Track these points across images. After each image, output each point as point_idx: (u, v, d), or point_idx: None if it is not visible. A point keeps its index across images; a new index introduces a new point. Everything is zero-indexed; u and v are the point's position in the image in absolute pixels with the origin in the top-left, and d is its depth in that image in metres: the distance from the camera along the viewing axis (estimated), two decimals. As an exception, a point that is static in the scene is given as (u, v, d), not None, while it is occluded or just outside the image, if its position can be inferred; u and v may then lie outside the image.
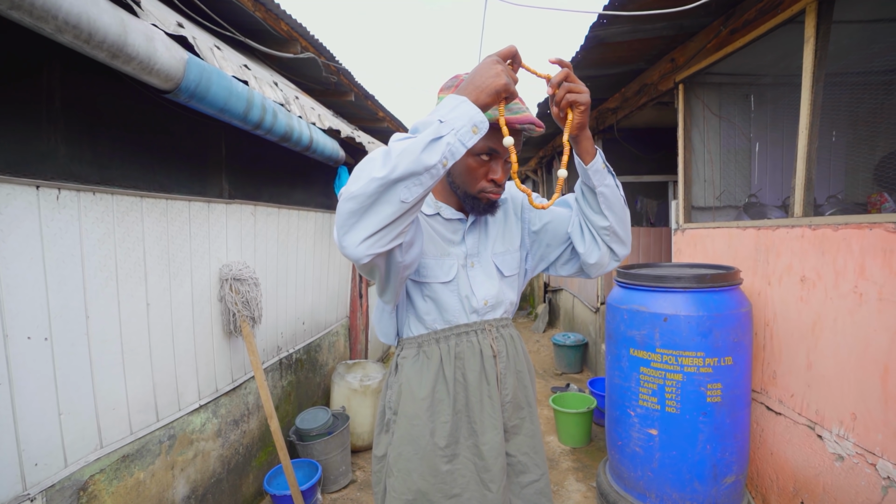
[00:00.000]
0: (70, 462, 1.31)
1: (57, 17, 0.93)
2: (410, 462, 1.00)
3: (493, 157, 0.96)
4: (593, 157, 0.98)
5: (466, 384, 1.03)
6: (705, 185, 2.71)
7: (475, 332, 1.06)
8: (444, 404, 1.01)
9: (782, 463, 1.89)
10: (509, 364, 1.09)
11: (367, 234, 0.73)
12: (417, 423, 1.01)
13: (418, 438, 1.00)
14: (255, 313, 2.02)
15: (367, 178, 0.71)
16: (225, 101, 1.50)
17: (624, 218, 1.05)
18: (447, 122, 0.74)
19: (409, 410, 1.02)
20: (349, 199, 0.72)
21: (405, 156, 0.71)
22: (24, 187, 1.16)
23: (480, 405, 1.02)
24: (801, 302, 1.80)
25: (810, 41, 1.76)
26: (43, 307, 1.22)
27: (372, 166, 0.72)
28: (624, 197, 1.05)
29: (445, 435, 1.00)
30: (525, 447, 1.10)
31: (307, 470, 2.31)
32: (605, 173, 0.99)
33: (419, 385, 1.02)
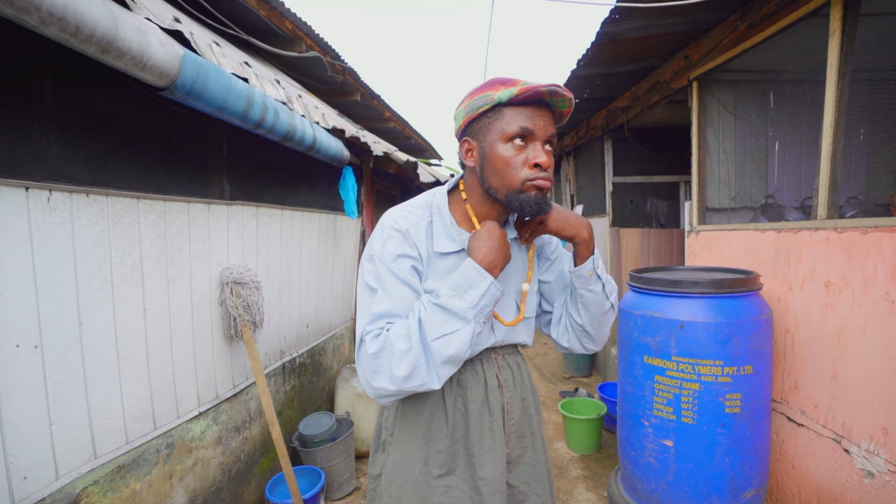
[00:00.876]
0: (62, 474, 1.26)
1: (41, 9, 0.87)
2: (402, 490, 0.95)
3: (528, 140, 0.86)
4: (582, 261, 0.95)
5: (467, 414, 0.96)
6: (720, 185, 2.62)
7: (481, 360, 0.99)
8: (441, 432, 0.95)
9: (805, 477, 1.80)
10: (515, 393, 1.03)
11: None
12: (411, 450, 0.95)
13: (411, 466, 0.95)
14: (256, 318, 1.97)
15: (419, 385, 0.82)
16: (224, 98, 1.44)
17: (601, 322, 1.01)
18: (478, 312, 0.84)
19: (403, 435, 0.97)
20: (391, 397, 0.84)
21: (450, 366, 0.83)
22: (12, 189, 1.11)
23: (480, 437, 0.96)
24: (826, 308, 1.71)
25: (836, 34, 1.67)
26: (33, 313, 1.18)
27: (420, 378, 0.81)
28: (611, 306, 1.00)
29: (440, 464, 0.95)
30: (526, 476, 1.04)
31: (310, 477, 2.25)
32: (592, 280, 0.96)
33: (416, 410, 0.96)
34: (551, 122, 0.88)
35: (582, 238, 0.93)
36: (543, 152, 0.86)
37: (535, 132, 0.85)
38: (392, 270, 0.87)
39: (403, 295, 0.87)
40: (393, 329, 0.83)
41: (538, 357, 5.08)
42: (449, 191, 0.99)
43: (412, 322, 0.82)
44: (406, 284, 0.88)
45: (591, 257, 0.95)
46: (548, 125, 0.87)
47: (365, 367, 0.82)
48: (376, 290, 0.87)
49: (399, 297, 0.86)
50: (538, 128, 0.85)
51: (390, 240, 0.89)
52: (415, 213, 0.94)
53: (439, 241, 0.92)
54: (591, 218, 4.59)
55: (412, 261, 0.89)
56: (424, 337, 0.80)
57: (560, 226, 0.92)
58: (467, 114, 0.90)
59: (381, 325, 0.84)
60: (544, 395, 3.88)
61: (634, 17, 2.14)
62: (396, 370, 0.79)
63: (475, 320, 0.82)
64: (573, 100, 0.86)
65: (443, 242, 0.92)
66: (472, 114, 0.89)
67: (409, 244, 0.90)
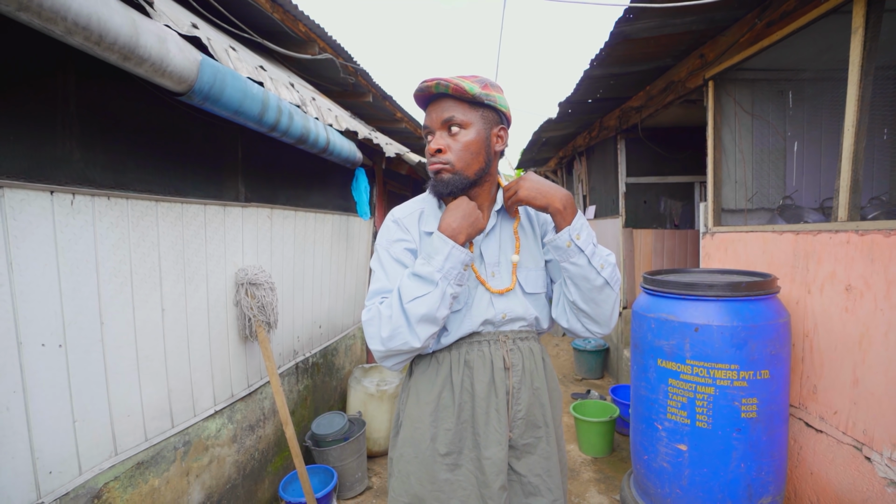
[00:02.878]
0: (84, 470, 1.29)
1: (66, 19, 0.90)
2: (410, 465, 1.01)
3: (430, 134, 0.99)
4: (559, 230, 0.95)
5: (473, 394, 0.99)
6: (736, 186, 2.58)
7: (488, 342, 1.02)
8: (449, 411, 1.00)
9: (824, 485, 1.77)
10: (524, 378, 1.03)
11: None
12: (419, 427, 1.01)
13: (419, 442, 1.00)
14: (270, 318, 1.99)
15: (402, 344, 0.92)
16: (240, 103, 1.47)
17: (595, 299, 0.98)
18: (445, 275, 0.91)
19: (413, 413, 1.03)
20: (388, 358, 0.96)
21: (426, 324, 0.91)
22: (39, 193, 1.15)
23: (486, 417, 0.98)
24: (847, 313, 1.68)
25: (858, 32, 1.63)
26: (57, 314, 1.21)
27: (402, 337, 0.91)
28: (605, 281, 0.96)
29: (447, 442, 0.99)
30: (538, 468, 1.03)
31: (323, 476, 2.27)
32: (573, 252, 0.94)
33: (426, 389, 1.02)
34: (446, 108, 0.96)
35: (555, 207, 0.94)
36: (436, 140, 0.97)
37: (430, 125, 0.98)
38: (389, 252, 1.03)
39: (397, 271, 1.00)
40: (385, 301, 0.97)
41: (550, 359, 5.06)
42: None
43: (394, 292, 0.95)
44: (400, 263, 1.01)
45: (567, 227, 0.93)
46: (439, 114, 0.96)
47: (365, 335, 0.97)
48: (376, 272, 1.03)
49: (394, 275, 1.00)
50: (431, 121, 0.98)
51: (387, 229, 1.06)
52: (410, 206, 1.10)
53: (427, 222, 1.06)
54: (603, 219, 4.55)
55: (405, 242, 1.03)
56: (402, 301, 0.92)
57: (531, 195, 0.95)
58: None
59: (378, 300, 0.98)
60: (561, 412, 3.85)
61: (649, 17, 2.11)
62: (382, 332, 0.93)
63: (443, 282, 0.91)
64: (444, 81, 0.94)
65: (429, 223, 1.05)
66: None
67: (401, 229, 1.05)
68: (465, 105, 0.96)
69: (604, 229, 4.52)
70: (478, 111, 0.97)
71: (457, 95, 0.95)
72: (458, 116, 0.95)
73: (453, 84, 0.93)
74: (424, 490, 0.97)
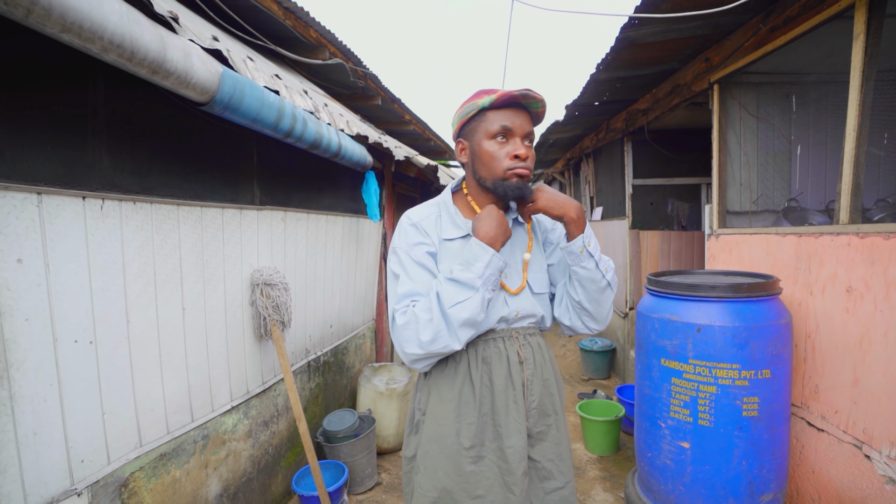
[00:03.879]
0: (112, 459, 1.37)
1: (103, 38, 0.97)
2: (436, 460, 1.04)
3: (508, 136, 1.03)
4: (572, 238, 1.04)
5: (493, 388, 1.05)
6: (741, 188, 2.60)
7: (502, 338, 1.09)
8: (470, 406, 1.05)
9: (825, 483, 1.80)
10: (536, 371, 1.11)
11: None
12: (444, 423, 1.05)
13: (444, 437, 1.04)
14: (284, 317, 2.06)
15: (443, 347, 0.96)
16: (257, 111, 1.54)
17: (598, 300, 1.09)
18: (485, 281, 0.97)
19: (436, 410, 1.06)
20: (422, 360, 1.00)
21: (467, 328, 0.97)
22: (72, 198, 1.22)
23: (506, 409, 1.05)
24: (847, 314, 1.71)
25: (860, 37, 1.66)
26: (88, 312, 1.28)
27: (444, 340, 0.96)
28: (608, 283, 1.08)
29: (471, 436, 1.04)
30: (550, 454, 1.11)
31: (334, 471, 2.34)
32: (584, 257, 1.04)
33: (447, 387, 1.06)
34: (528, 121, 1.04)
35: (569, 217, 1.03)
36: (522, 146, 1.02)
37: (514, 129, 1.02)
38: (410, 256, 1.05)
39: (422, 276, 1.03)
40: (418, 305, 0.99)
41: (557, 359, 5.09)
42: (455, 189, 1.18)
43: (432, 296, 0.98)
44: (423, 267, 1.04)
45: (581, 235, 1.03)
46: (525, 124, 1.03)
47: (398, 339, 0.99)
48: (399, 276, 1.04)
49: (419, 278, 1.03)
50: (516, 126, 1.02)
51: (406, 233, 1.08)
52: (425, 209, 1.13)
53: (445, 229, 1.09)
54: (610, 220, 4.58)
55: (426, 246, 1.06)
56: (442, 306, 0.95)
57: (548, 205, 1.03)
58: (459, 119, 1.08)
59: (407, 303, 1.01)
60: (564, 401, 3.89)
61: (654, 22, 2.15)
62: (422, 336, 0.96)
63: (483, 288, 0.97)
64: (545, 101, 1.02)
65: (448, 230, 1.09)
66: (463, 119, 1.07)
67: (421, 233, 1.07)
68: (534, 124, 1.07)
69: (611, 231, 4.55)
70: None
71: (536, 117, 1.06)
72: (533, 134, 1.06)
73: (544, 109, 1.04)
74: (452, 483, 1.02)
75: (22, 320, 1.11)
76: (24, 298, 1.11)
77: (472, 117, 1.05)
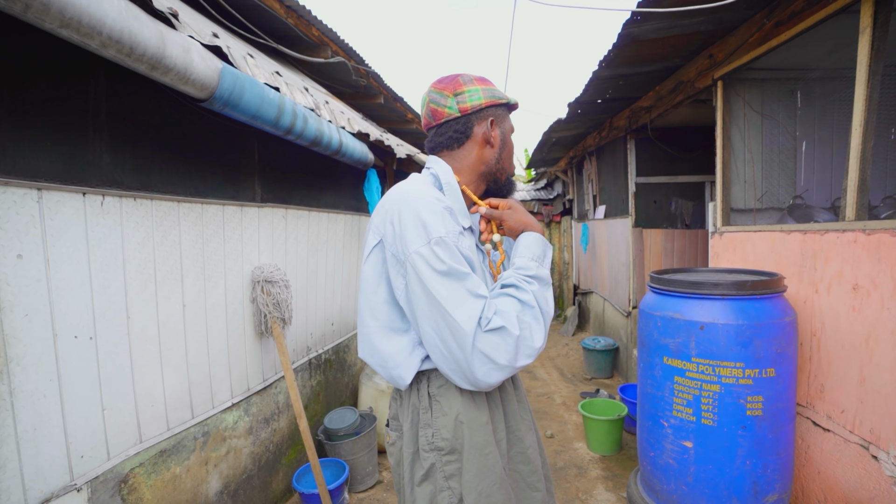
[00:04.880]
0: (112, 455, 1.37)
1: (102, 33, 0.97)
2: (492, 497, 0.88)
3: None
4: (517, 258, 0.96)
5: (504, 394, 1.01)
6: (745, 186, 2.58)
7: None
8: (498, 422, 0.95)
9: (831, 483, 1.78)
10: None
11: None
12: (489, 451, 0.89)
13: (493, 467, 0.88)
14: (285, 315, 2.06)
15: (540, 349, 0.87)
16: (257, 108, 1.53)
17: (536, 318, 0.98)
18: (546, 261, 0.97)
19: (478, 440, 0.88)
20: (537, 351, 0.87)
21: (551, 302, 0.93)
22: (72, 194, 1.22)
23: (515, 412, 1.02)
24: (854, 312, 1.68)
25: (866, 31, 1.64)
26: (88, 308, 1.29)
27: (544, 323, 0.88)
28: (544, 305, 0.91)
29: (503, 454, 0.94)
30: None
31: (334, 469, 2.34)
32: None
33: (477, 409, 0.90)
34: None
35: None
36: None
37: None
38: (458, 247, 0.85)
39: (478, 273, 0.89)
40: (508, 309, 0.83)
41: (560, 358, 5.07)
42: None
43: (525, 297, 0.85)
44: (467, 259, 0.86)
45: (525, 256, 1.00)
46: None
47: (504, 353, 0.80)
48: (467, 274, 0.83)
49: (478, 276, 0.88)
50: None
51: (443, 217, 0.85)
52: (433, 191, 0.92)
53: (463, 217, 0.96)
54: (613, 219, 4.56)
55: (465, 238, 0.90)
56: (541, 306, 0.88)
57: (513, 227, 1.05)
58: (490, 97, 1.00)
59: (493, 309, 0.83)
60: (565, 396, 3.88)
61: (657, 18, 2.13)
62: (536, 342, 0.84)
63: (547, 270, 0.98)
64: None
65: (464, 218, 0.96)
66: (494, 101, 1.01)
67: (454, 220, 0.88)
68: None
69: (614, 229, 4.53)
70: None
71: None
72: None
73: None
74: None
75: (22, 316, 1.11)
76: (24, 294, 1.11)
77: (501, 105, 1.04)
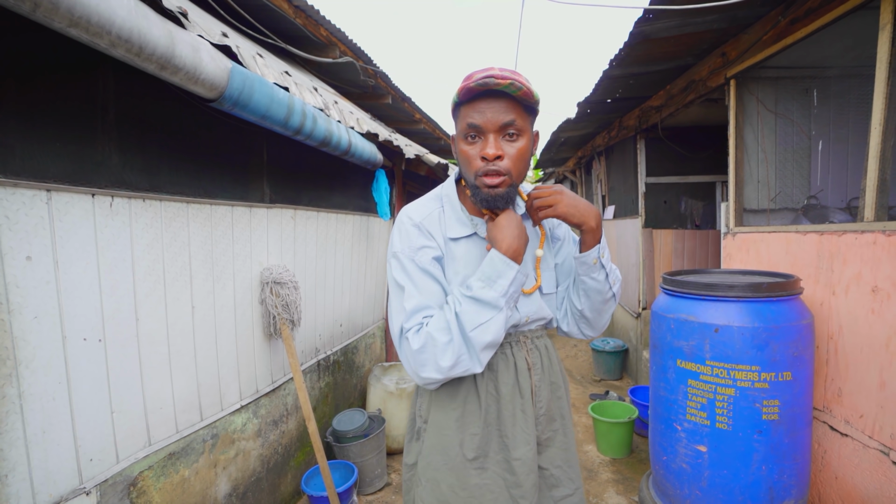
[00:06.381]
0: (121, 458, 1.36)
1: (111, 33, 0.96)
2: (439, 472, 0.99)
3: (478, 134, 0.89)
4: (587, 249, 0.97)
5: (499, 397, 1.00)
6: (759, 186, 2.54)
7: (510, 343, 1.03)
8: (475, 416, 0.99)
9: (850, 489, 1.74)
10: (544, 376, 1.06)
11: None
12: (447, 433, 0.99)
13: (447, 448, 0.99)
14: (294, 316, 2.05)
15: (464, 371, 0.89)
16: (266, 108, 1.52)
17: (601, 310, 1.04)
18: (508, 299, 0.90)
19: (438, 419, 1.00)
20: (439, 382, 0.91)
21: (489, 350, 0.90)
22: (81, 196, 1.22)
23: (513, 419, 1.00)
24: (873, 314, 1.65)
25: (887, 28, 1.60)
26: (97, 310, 1.28)
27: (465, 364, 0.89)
28: (613, 295, 1.03)
29: (474, 447, 0.99)
30: (558, 460, 1.06)
31: (343, 471, 2.33)
32: (596, 268, 0.98)
33: (450, 395, 1.00)
34: (506, 109, 0.86)
35: (589, 226, 0.94)
36: (493, 142, 0.87)
37: (482, 125, 0.87)
38: (416, 263, 0.94)
39: (430, 287, 0.93)
40: (432, 323, 0.89)
41: (568, 359, 5.04)
42: (457, 180, 1.05)
43: (450, 316, 0.88)
44: (430, 276, 0.94)
45: (598, 245, 0.96)
46: (498, 114, 0.86)
47: (411, 361, 0.89)
48: (404, 287, 0.93)
49: (427, 289, 0.93)
50: (486, 121, 0.86)
51: (408, 235, 0.96)
52: (427, 205, 1.01)
53: (451, 227, 0.99)
54: (623, 219, 4.52)
55: (431, 250, 0.96)
56: (463, 328, 0.87)
57: (569, 211, 0.92)
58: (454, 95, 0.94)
59: (419, 321, 0.90)
60: (574, 398, 3.85)
61: (669, 17, 2.10)
62: (442, 361, 0.87)
63: (506, 306, 0.90)
64: (519, 81, 0.84)
65: (454, 228, 0.99)
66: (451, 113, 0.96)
67: (424, 235, 0.96)
68: (521, 109, 0.88)
69: (623, 229, 4.49)
70: (530, 116, 0.91)
71: (524, 99, 0.87)
72: (518, 122, 0.87)
73: (525, 87, 0.84)
74: (457, 497, 0.97)
75: (31, 318, 1.10)
76: (32, 296, 1.11)
77: (453, 112, 0.95)
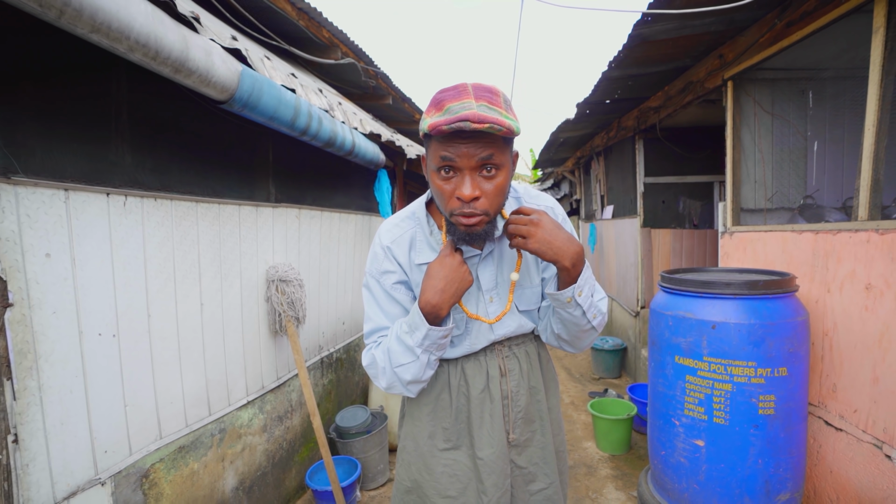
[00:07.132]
0: (134, 451, 1.40)
1: (129, 38, 0.99)
2: (410, 456, 1.08)
3: (455, 170, 0.80)
4: (562, 287, 0.90)
5: (469, 397, 1.04)
6: (755, 186, 2.58)
7: (484, 352, 1.05)
8: (447, 412, 1.05)
9: (844, 483, 1.78)
10: (522, 381, 1.07)
11: None
12: (419, 424, 1.07)
13: (418, 437, 1.07)
14: (299, 314, 2.09)
15: (400, 394, 0.98)
16: (275, 109, 1.56)
17: (579, 337, 1.00)
18: (426, 349, 0.91)
19: (413, 411, 1.09)
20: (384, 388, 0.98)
21: (416, 384, 0.96)
22: (97, 195, 1.25)
23: (480, 421, 1.03)
24: (867, 311, 1.69)
25: (879, 31, 1.64)
26: (112, 306, 1.31)
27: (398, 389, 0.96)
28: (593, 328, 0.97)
29: (445, 439, 1.05)
30: (536, 458, 1.10)
31: (347, 467, 2.36)
32: (571, 306, 0.91)
33: (426, 390, 1.06)
34: (484, 145, 0.78)
35: (562, 265, 0.86)
36: (469, 183, 0.79)
37: (457, 161, 0.78)
38: (381, 285, 0.99)
39: (392, 309, 0.99)
40: (381, 344, 0.97)
41: (567, 357, 5.07)
42: (429, 200, 1.01)
43: (384, 345, 0.96)
44: (393, 299, 0.99)
45: (573, 286, 0.88)
46: (477, 149, 0.77)
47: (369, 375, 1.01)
48: (369, 305, 1.01)
49: (388, 311, 0.99)
50: (461, 155, 0.78)
51: (376, 257, 1.00)
52: (400, 225, 1.00)
53: (420, 251, 0.98)
54: (621, 219, 4.56)
55: (395, 275, 0.99)
56: (391, 363, 0.94)
57: (540, 248, 0.84)
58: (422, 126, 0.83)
59: (376, 339, 0.99)
60: (574, 396, 3.88)
61: (667, 19, 2.14)
62: (380, 382, 0.97)
63: (425, 355, 0.92)
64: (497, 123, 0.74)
65: (423, 253, 0.98)
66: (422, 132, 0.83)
67: (390, 260, 0.98)
68: (501, 142, 0.80)
69: (622, 229, 4.53)
70: (509, 146, 0.84)
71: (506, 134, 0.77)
72: (497, 156, 0.80)
73: (506, 126, 0.75)
74: (423, 479, 1.05)
75: (50, 313, 1.14)
76: (51, 292, 1.14)
77: (423, 139, 0.85)
